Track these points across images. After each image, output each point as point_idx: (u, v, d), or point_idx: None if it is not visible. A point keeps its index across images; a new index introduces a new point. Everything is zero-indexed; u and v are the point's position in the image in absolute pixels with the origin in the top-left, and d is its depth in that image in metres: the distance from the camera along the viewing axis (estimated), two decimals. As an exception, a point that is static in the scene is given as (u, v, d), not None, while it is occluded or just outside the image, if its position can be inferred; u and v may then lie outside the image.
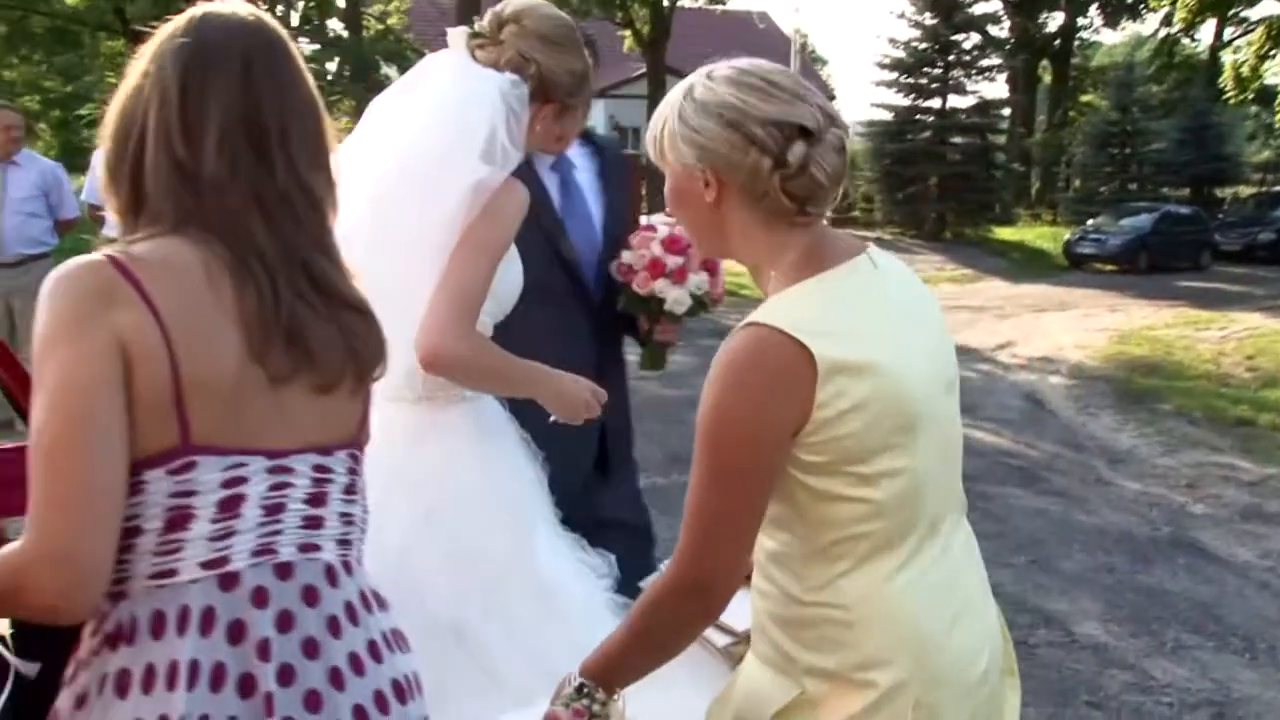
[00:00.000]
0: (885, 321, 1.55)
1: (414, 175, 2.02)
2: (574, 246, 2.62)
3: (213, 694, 1.29)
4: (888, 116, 27.40)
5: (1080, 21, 36.91)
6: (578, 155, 2.68)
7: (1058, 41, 36.49)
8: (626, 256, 2.62)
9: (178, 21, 1.40)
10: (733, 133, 1.49)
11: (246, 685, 1.31)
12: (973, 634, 1.60)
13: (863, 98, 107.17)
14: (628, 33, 21.65)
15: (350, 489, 1.46)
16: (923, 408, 1.52)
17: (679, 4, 22.71)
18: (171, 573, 1.31)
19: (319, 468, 1.41)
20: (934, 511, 1.58)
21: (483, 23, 2.16)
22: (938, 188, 25.98)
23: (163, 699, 1.28)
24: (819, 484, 1.49)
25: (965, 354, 11.78)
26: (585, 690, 1.56)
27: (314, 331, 1.38)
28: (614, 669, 1.57)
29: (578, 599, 2.07)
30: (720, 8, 24.31)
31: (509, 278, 2.12)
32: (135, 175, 1.36)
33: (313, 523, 1.40)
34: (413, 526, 2.03)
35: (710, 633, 1.89)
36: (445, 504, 2.05)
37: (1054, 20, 36.52)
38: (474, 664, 1.96)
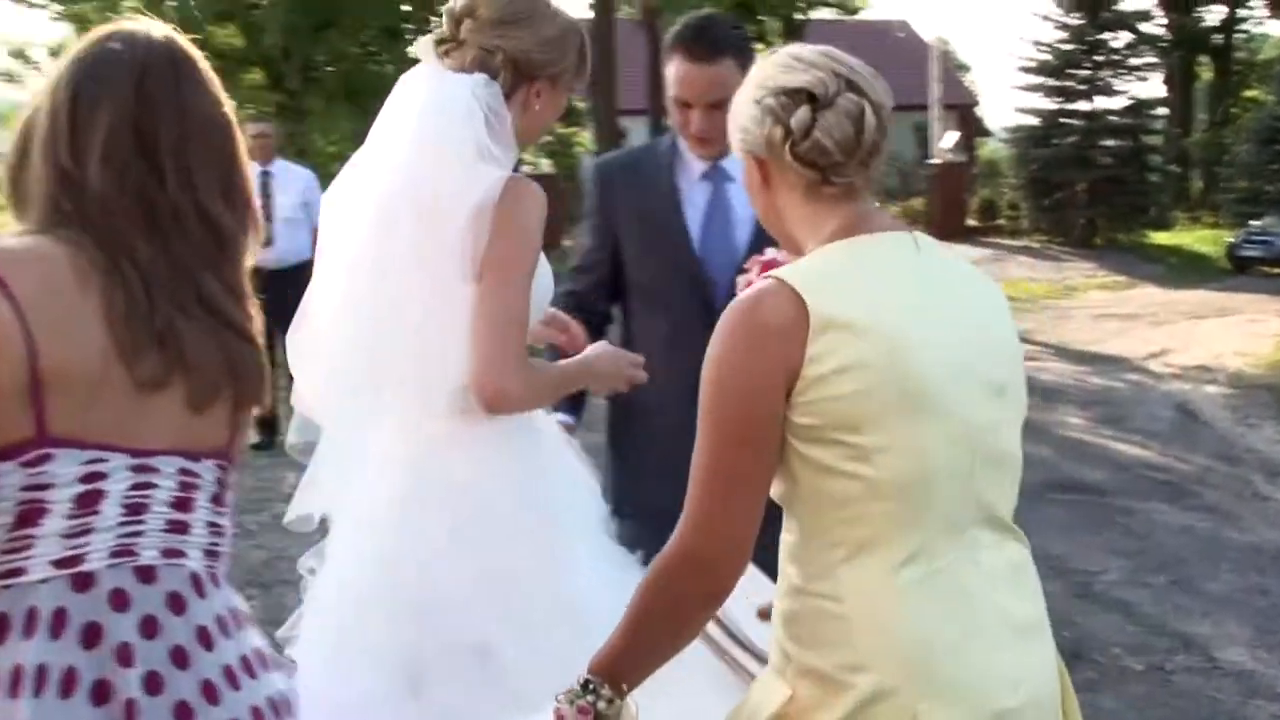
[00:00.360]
0: (907, 295, 1.47)
1: (407, 199, 1.97)
2: (703, 261, 2.58)
3: (62, 700, 1.24)
4: (1033, 121, 26.51)
5: (1241, 14, 35.08)
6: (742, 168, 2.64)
7: (1218, 36, 34.75)
8: (739, 280, 2.55)
9: (90, 35, 1.40)
10: (755, 107, 1.53)
11: (101, 692, 1.25)
12: (1000, 664, 1.45)
13: (1010, 104, 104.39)
14: (761, 46, 21.44)
15: (218, 500, 1.41)
16: (935, 391, 1.43)
17: (811, 16, 22.45)
18: (18, 571, 1.27)
19: (185, 472, 1.36)
20: (952, 514, 1.45)
21: (442, 28, 2.08)
22: (1087, 193, 24.91)
23: (2, 708, 1.23)
24: (813, 453, 1.42)
25: (1113, 363, 11.25)
26: (591, 687, 1.50)
27: (191, 340, 1.34)
28: (619, 662, 1.51)
29: (615, 617, 1.98)
30: (851, 18, 23.81)
31: (540, 282, 2.05)
32: (26, 183, 1.36)
33: (177, 528, 1.35)
34: (438, 541, 1.97)
35: (748, 661, 1.80)
36: (473, 518, 1.98)
37: (1213, 14, 34.82)
38: (496, 680, 1.89)
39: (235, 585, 1.47)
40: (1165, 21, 32.51)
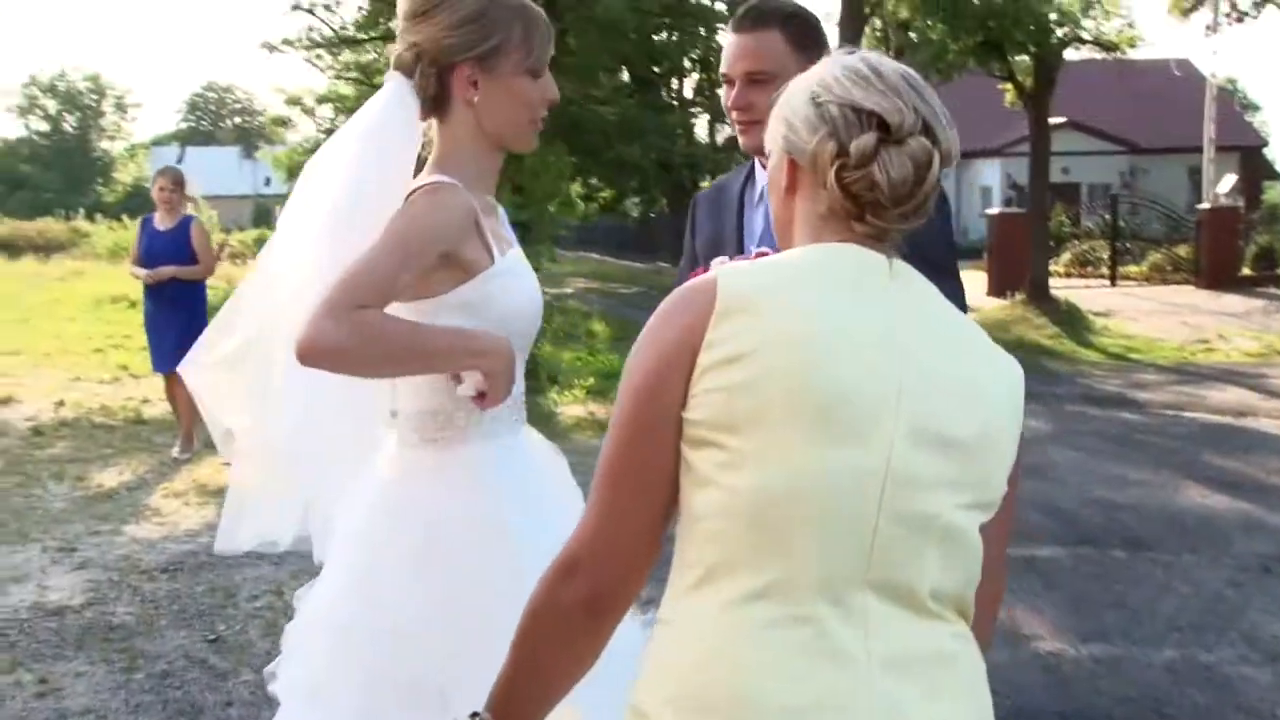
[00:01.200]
0: (844, 304, 1.29)
1: (354, 208, 1.94)
2: None
3: None
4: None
5: None
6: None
7: None
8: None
9: None
10: (813, 109, 1.35)
11: None
12: None
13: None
14: (1009, 87, 20.52)
15: None
16: (840, 407, 1.23)
17: (1069, 56, 21.22)
18: None
19: None
20: (831, 563, 1.23)
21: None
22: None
23: None
24: (692, 459, 1.27)
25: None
26: (476, 718, 1.39)
27: None
28: (505, 692, 1.38)
29: None
30: (1118, 56, 22.35)
31: (500, 300, 1.94)
32: None
33: None
34: (397, 571, 1.93)
35: None
36: (432, 548, 1.93)
37: None
38: (454, 712, 1.76)
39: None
40: None
